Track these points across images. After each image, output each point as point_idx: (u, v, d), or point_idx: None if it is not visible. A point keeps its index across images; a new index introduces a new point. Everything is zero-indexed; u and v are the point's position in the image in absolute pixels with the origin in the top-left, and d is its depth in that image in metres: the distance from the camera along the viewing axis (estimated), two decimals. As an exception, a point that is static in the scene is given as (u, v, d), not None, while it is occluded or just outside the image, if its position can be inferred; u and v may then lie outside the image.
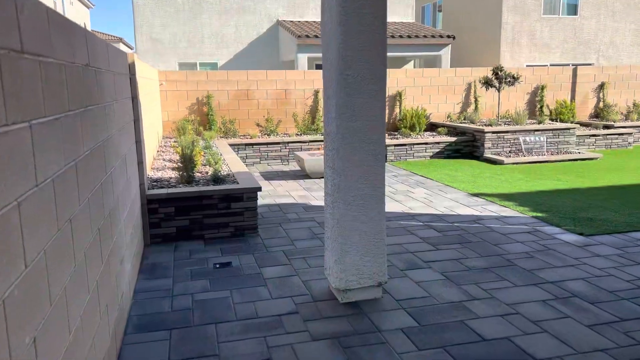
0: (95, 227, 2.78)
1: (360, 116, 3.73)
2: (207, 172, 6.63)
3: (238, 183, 5.85)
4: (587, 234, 5.60)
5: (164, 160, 7.64)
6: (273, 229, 5.97)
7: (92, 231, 2.69)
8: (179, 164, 6.21)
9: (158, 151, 8.66)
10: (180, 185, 5.76)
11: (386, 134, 11.77)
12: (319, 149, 10.89)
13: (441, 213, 6.60)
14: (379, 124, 3.80)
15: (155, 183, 5.89)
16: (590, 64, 21.23)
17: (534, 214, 6.43)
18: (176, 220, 5.50)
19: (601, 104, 13.97)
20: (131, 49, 42.62)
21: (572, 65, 20.27)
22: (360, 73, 3.68)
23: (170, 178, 6.25)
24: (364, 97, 3.72)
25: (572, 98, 13.74)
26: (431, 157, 11.06)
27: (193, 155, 6.07)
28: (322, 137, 11.00)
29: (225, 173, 6.57)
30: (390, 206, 6.99)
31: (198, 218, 5.55)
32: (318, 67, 20.09)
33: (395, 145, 10.82)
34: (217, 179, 5.93)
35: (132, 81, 5.11)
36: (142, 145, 5.32)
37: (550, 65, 20.64)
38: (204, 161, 7.37)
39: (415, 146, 10.96)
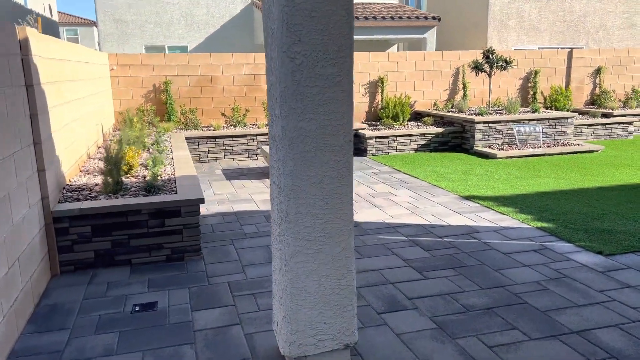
0: None
1: (316, 113, 2.58)
2: (144, 177, 5.44)
3: (176, 193, 4.68)
4: (607, 252, 4.56)
5: (100, 159, 6.41)
6: (222, 249, 4.81)
7: None
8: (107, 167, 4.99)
9: (100, 147, 7.42)
10: (101, 197, 4.56)
11: (367, 125, 10.62)
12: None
13: (428, 223, 5.51)
14: (344, 124, 2.66)
15: (71, 194, 4.68)
16: (580, 48, 20.28)
17: (539, 223, 5.38)
18: (94, 243, 4.31)
19: (597, 90, 12.99)
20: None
21: (561, 48, 19.32)
22: (315, 50, 2.52)
23: (96, 185, 5.04)
24: (321, 85, 2.56)
25: (567, 83, 12.73)
26: (416, 150, 9.97)
27: (121, 157, 4.86)
28: (294, 129, 9.81)
29: (166, 177, 5.38)
30: (368, 214, 5.88)
31: (123, 239, 4.37)
32: (295, 50, 18.78)
33: (376, 137, 9.69)
34: (151, 187, 4.74)
35: (25, 64, 3.88)
36: (44, 148, 4.10)
37: (539, 48, 19.64)
38: (145, 161, 6.15)
39: (398, 138, 9.84)
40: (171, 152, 7.02)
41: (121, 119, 9.52)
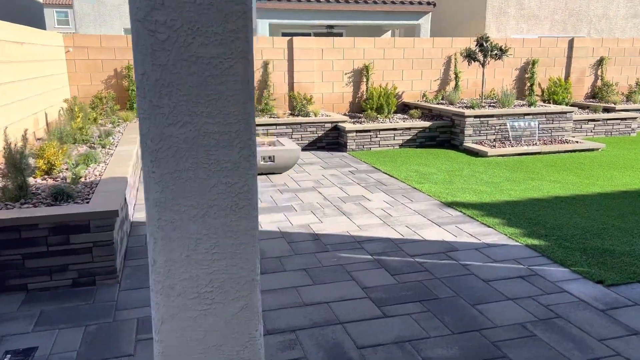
0: None
1: (193, 114, 1.75)
2: (66, 178, 4.61)
3: (88, 202, 3.85)
4: (609, 282, 3.76)
5: (28, 155, 5.56)
6: (147, 270, 4.01)
7: None
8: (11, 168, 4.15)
9: (38, 139, 6.56)
10: (-6, 206, 3.74)
11: (349, 117, 9.77)
12: (259, 135, 8.87)
13: (401, 237, 4.71)
14: (240, 130, 1.82)
15: (-40, 201, 3.85)
16: (581, 37, 19.39)
17: (529, 240, 4.58)
18: (-22, 264, 3.50)
19: (599, 83, 12.14)
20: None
21: (562, 37, 18.45)
22: (189, 20, 1.68)
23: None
24: (201, 73, 1.73)
25: (567, 75, 11.87)
26: (401, 145, 9.13)
27: (26, 155, 4.02)
28: (268, 120, 8.98)
29: (90, 180, 4.55)
30: (333, 224, 5.07)
31: (15, 259, 3.55)
32: (285, 35, 17.84)
33: (357, 131, 8.85)
34: (59, 193, 3.91)
35: None
36: None
37: (539, 37, 18.74)
38: (77, 160, 5.30)
39: (381, 132, 9.00)
40: (115, 146, 6.18)
41: (67, 106, 8.64)
